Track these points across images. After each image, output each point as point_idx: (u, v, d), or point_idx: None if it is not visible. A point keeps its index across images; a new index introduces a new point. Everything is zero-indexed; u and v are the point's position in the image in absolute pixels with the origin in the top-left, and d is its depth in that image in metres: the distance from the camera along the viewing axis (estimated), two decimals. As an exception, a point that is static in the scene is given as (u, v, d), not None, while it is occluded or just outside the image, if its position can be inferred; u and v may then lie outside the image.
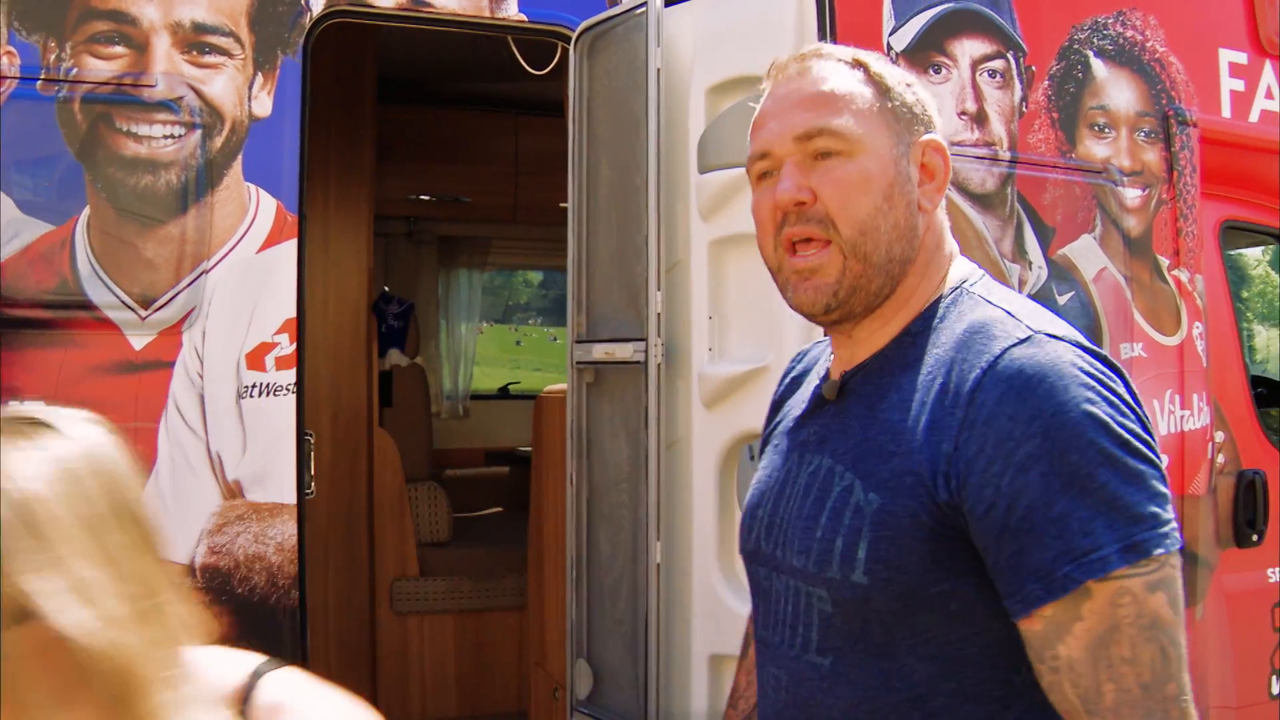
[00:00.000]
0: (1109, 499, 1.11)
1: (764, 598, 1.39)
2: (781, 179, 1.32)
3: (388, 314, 5.99)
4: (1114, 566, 1.09)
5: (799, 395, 1.50)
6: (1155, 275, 3.88)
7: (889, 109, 1.34)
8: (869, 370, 1.34)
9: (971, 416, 1.17)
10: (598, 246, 3.11)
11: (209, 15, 2.88)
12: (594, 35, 3.09)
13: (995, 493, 1.14)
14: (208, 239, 2.87)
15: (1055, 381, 1.15)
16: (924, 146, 1.36)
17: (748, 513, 1.45)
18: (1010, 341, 1.20)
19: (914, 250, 1.33)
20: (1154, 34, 3.93)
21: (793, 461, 1.40)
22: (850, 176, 1.30)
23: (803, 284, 1.32)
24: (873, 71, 1.36)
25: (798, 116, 1.33)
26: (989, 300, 1.30)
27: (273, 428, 2.92)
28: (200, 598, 2.95)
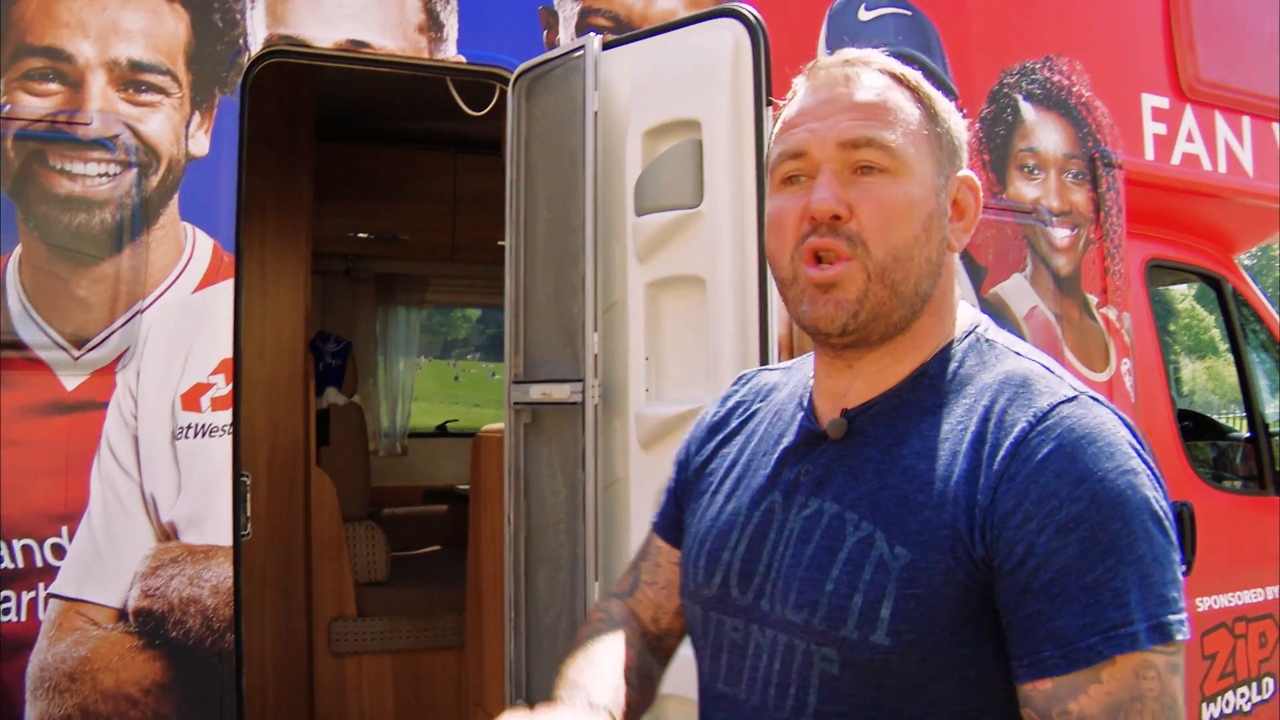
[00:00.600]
0: (1143, 575, 1.05)
1: (731, 650, 1.27)
2: (818, 187, 1.20)
3: (325, 352, 5.95)
4: (1142, 645, 1.03)
5: (758, 426, 1.39)
6: (1084, 313, 3.97)
7: (935, 135, 1.24)
8: (880, 410, 1.24)
9: (1014, 469, 1.10)
10: (535, 287, 3.12)
11: (146, 53, 2.87)
12: (532, 77, 3.11)
13: (1028, 549, 1.07)
14: (143, 278, 2.84)
15: (1104, 447, 1.09)
16: (960, 183, 1.26)
17: (703, 552, 1.32)
18: (1058, 399, 1.13)
19: (934, 287, 1.24)
20: (1080, 79, 4.04)
21: (773, 501, 1.27)
22: (894, 198, 1.19)
23: (821, 297, 1.20)
24: (923, 92, 1.25)
25: (845, 121, 1.20)
26: (1017, 352, 1.24)
27: (208, 469, 2.88)
28: (133, 642, 2.91)
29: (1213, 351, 31.03)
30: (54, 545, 2.73)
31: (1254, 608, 4.48)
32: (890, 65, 1.26)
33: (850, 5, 3.57)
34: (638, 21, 3.31)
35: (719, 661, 1.28)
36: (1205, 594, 4.29)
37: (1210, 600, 4.32)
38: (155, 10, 2.89)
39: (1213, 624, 4.32)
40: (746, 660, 1.24)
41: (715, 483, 1.38)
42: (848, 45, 3.48)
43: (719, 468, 1.39)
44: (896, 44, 3.62)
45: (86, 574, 2.75)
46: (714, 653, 1.29)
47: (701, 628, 1.32)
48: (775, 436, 1.34)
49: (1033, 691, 1.06)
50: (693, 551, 1.34)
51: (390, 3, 3.12)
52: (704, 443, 1.45)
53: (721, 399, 1.49)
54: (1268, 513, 4.70)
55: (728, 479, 1.36)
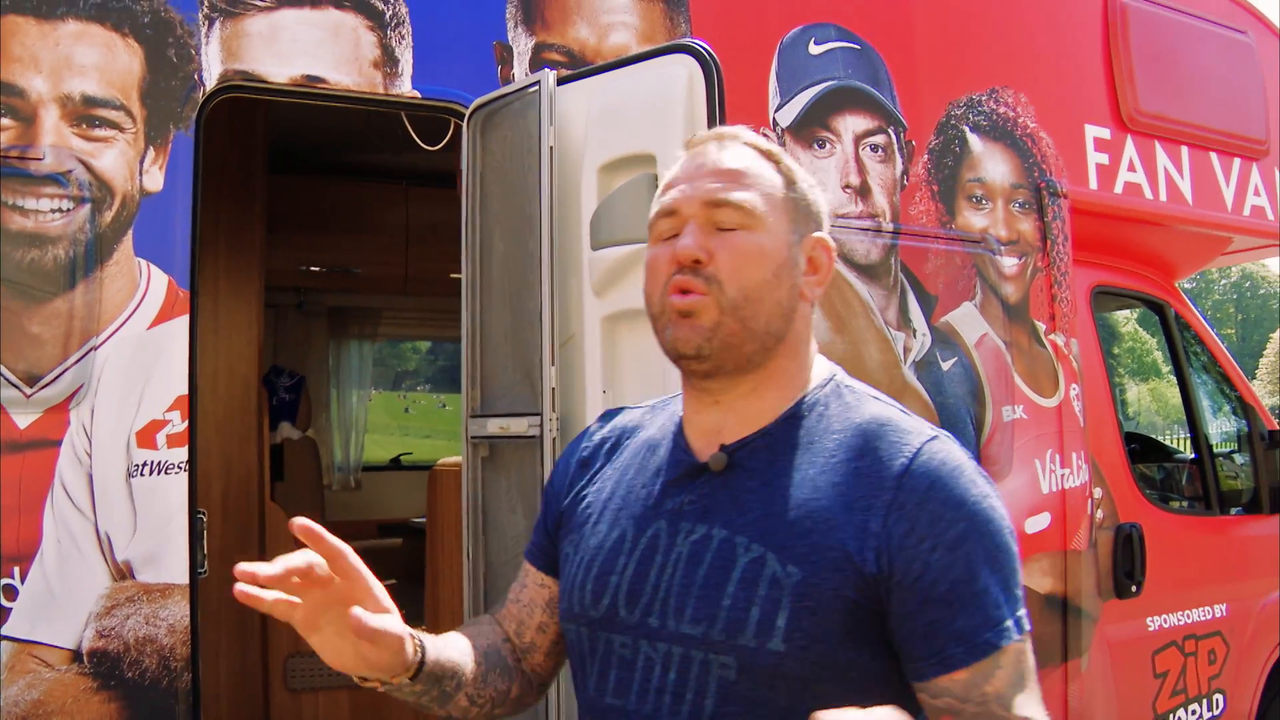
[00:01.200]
0: (1006, 579, 1.29)
1: (620, 667, 1.40)
2: (683, 236, 1.39)
3: (279, 387, 5.92)
4: (1015, 636, 1.27)
5: (632, 459, 1.52)
6: (1033, 340, 4.04)
7: (791, 199, 1.45)
8: (756, 447, 1.40)
9: (901, 499, 1.29)
10: (491, 321, 3.13)
11: (99, 88, 2.85)
12: (487, 112, 3.13)
13: (924, 566, 1.27)
14: (97, 314, 2.82)
15: (969, 475, 1.32)
16: (815, 242, 1.46)
17: (590, 576, 1.45)
18: (924, 438, 1.34)
19: (787, 330, 1.42)
20: (1025, 110, 4.12)
21: (658, 528, 1.41)
22: (747, 248, 1.39)
23: (682, 322, 1.38)
24: (783, 165, 1.47)
25: (709, 184, 1.41)
26: (874, 396, 1.44)
27: (164, 506, 2.85)
28: (88, 684, 2.86)
29: (1156, 374, 31.56)
30: (5, 586, 2.69)
31: (1203, 625, 4.55)
32: (756, 140, 1.48)
33: (800, 40, 3.62)
34: (591, 57, 3.34)
35: (607, 677, 1.41)
36: (1155, 613, 4.36)
37: (1160, 619, 4.39)
38: (109, 45, 2.88)
39: (1163, 643, 4.40)
40: (636, 673, 1.38)
41: (595, 514, 1.51)
42: (799, 79, 3.55)
43: (595, 500, 1.52)
44: (845, 77, 3.68)
45: (40, 615, 2.71)
46: (602, 669, 1.42)
47: (589, 647, 1.44)
48: (652, 469, 1.49)
49: (949, 683, 1.26)
50: (578, 577, 1.47)
51: (345, 38, 3.13)
52: (576, 477, 1.58)
53: (588, 434, 1.64)
54: (1214, 532, 4.79)
55: (607, 509, 1.49)
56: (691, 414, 1.47)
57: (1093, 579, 4.08)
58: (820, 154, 3.60)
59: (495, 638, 1.61)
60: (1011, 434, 3.91)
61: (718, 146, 1.46)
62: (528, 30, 3.33)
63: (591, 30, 3.38)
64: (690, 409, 1.48)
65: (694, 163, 1.45)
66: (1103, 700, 4.15)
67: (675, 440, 1.48)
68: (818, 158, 3.59)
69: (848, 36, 3.72)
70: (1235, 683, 4.69)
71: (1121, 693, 4.24)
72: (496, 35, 3.30)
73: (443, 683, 1.47)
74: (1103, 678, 4.15)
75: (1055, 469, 4.03)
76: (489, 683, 1.54)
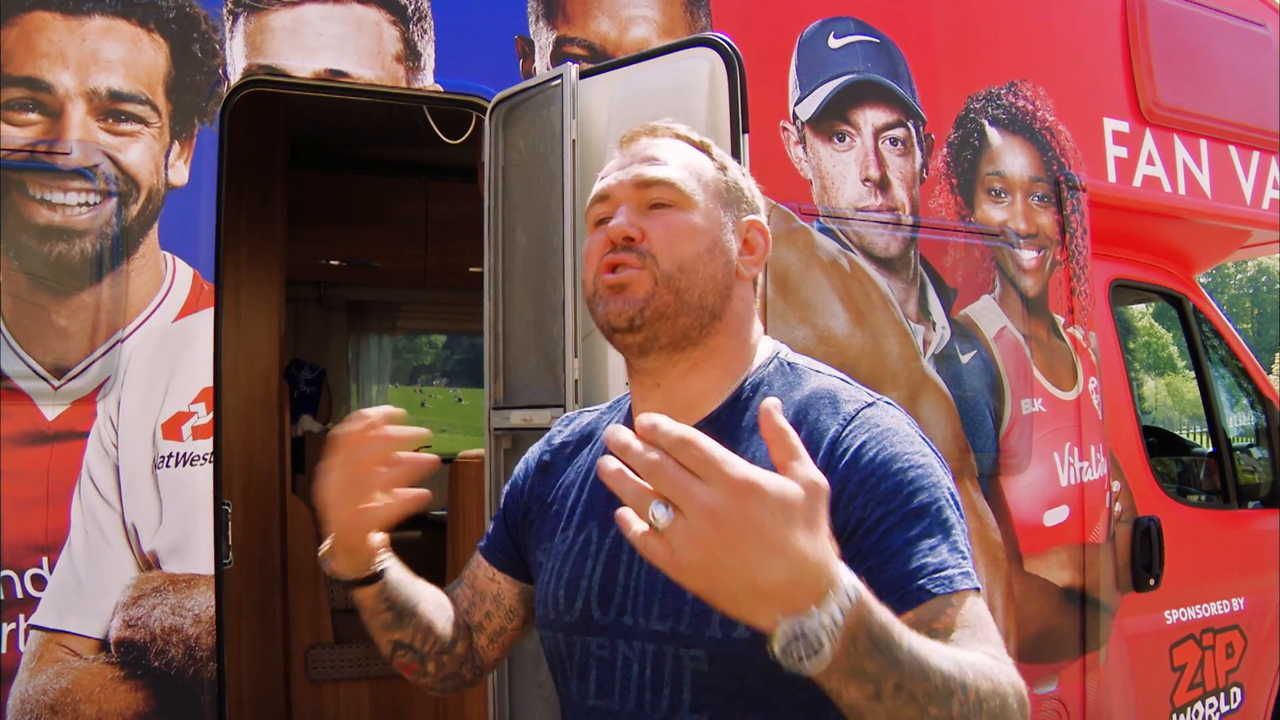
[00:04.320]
0: (947, 532, 1.25)
1: (599, 668, 1.40)
2: (616, 216, 1.42)
3: (300, 380, 5.94)
4: (959, 586, 1.22)
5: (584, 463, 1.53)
6: (1052, 333, 4.04)
7: (722, 183, 1.47)
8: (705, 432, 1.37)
9: (833, 463, 1.29)
10: (514, 313, 3.14)
11: (125, 83, 2.88)
12: (509, 105, 3.14)
13: (857, 522, 1.25)
14: (123, 307, 2.84)
15: (904, 437, 1.32)
16: (750, 224, 1.48)
17: (561, 583, 1.45)
18: (860, 405, 1.35)
19: (724, 307, 1.43)
20: (1044, 103, 4.12)
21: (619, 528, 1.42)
22: (679, 224, 1.41)
23: (614, 297, 1.39)
24: (714, 153, 1.50)
25: (639, 168, 1.44)
26: (817, 370, 1.44)
27: (189, 498, 2.88)
28: (115, 673, 2.89)
29: (1171, 369, 31.41)
30: (34, 576, 2.72)
31: (1221, 619, 4.55)
32: (686, 132, 1.51)
33: (820, 34, 3.63)
34: (612, 50, 3.36)
35: (587, 680, 1.41)
36: (1173, 607, 4.36)
37: (1178, 613, 4.38)
38: (135, 40, 2.90)
39: (1181, 636, 4.39)
40: (616, 673, 1.38)
41: (562, 520, 1.51)
42: (819, 72, 3.56)
43: (560, 505, 1.53)
44: (865, 70, 3.69)
45: (67, 605, 2.74)
46: (581, 672, 1.42)
47: (566, 651, 1.45)
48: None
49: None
50: (550, 585, 1.47)
51: (368, 32, 3.15)
52: (536, 481, 1.60)
53: (548, 439, 1.64)
54: (1232, 526, 4.79)
55: (573, 514, 1.50)
56: (638, 402, 1.48)
57: (1111, 572, 4.09)
58: (840, 147, 3.61)
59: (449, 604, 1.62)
60: (1030, 427, 3.92)
61: (649, 138, 1.49)
62: (549, 24, 3.34)
63: (612, 24, 3.39)
64: (636, 398, 1.49)
65: (626, 151, 1.49)
66: (1120, 693, 4.15)
67: None
68: (838, 151, 3.60)
69: (867, 30, 3.73)
70: (1253, 676, 4.68)
71: (1139, 686, 4.24)
72: (518, 29, 3.32)
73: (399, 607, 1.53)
74: (1120, 671, 4.15)
75: (1074, 462, 4.03)
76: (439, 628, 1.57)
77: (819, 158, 3.57)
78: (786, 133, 3.53)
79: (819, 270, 3.48)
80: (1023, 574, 3.88)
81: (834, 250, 3.52)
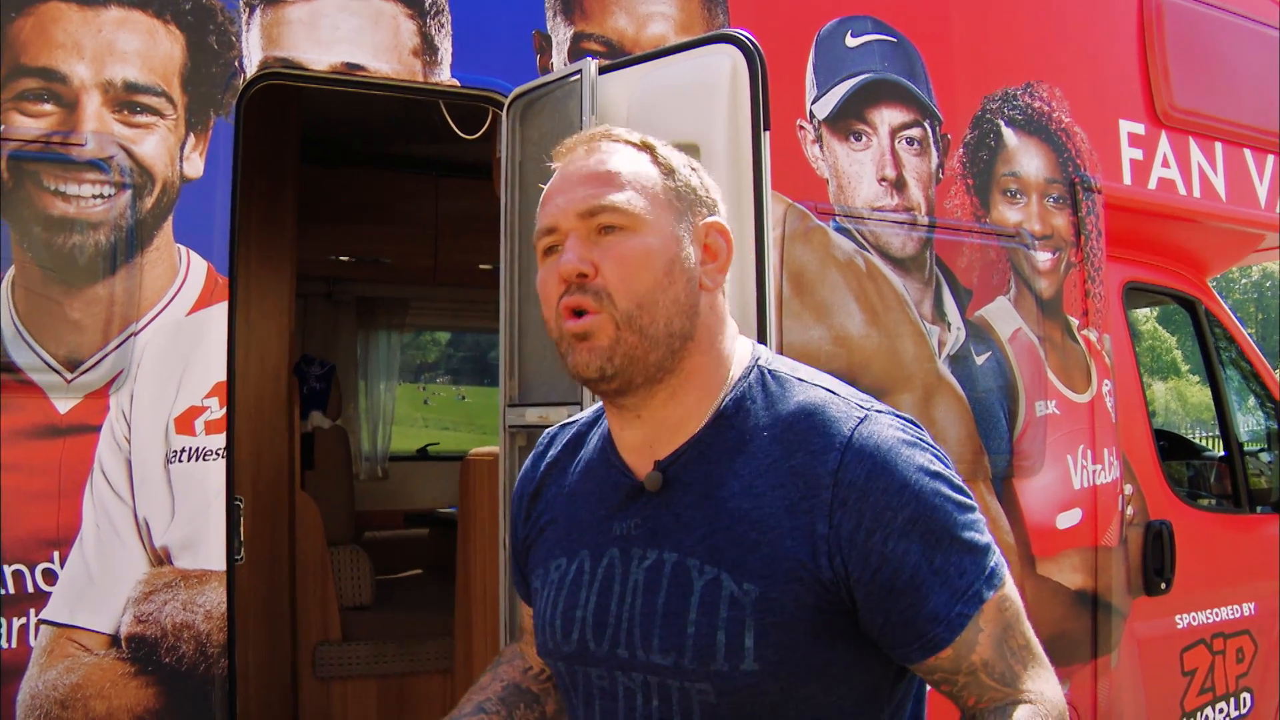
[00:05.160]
0: (966, 542, 1.26)
1: (603, 697, 1.37)
2: (565, 251, 1.33)
3: (310, 376, 5.92)
4: (988, 595, 1.26)
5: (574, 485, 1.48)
6: (1066, 335, 4.02)
7: (672, 189, 1.38)
8: (689, 459, 1.35)
9: (842, 495, 1.25)
10: (529, 311, 3.12)
11: (141, 74, 2.86)
12: (527, 100, 3.12)
13: (880, 559, 1.23)
14: (137, 300, 2.82)
15: (903, 452, 1.27)
16: (707, 228, 1.40)
17: (556, 613, 1.41)
18: (853, 423, 1.29)
19: (694, 327, 1.36)
20: (1060, 105, 4.10)
21: (611, 556, 1.37)
22: (631, 252, 1.32)
23: (579, 345, 1.32)
24: (659, 154, 1.40)
25: (581, 192, 1.35)
26: (800, 379, 1.37)
27: (202, 493, 2.86)
28: (126, 668, 2.88)
29: (1175, 373, 31.38)
30: (45, 570, 2.70)
31: (1231, 624, 4.53)
32: (626, 135, 1.42)
33: (837, 32, 3.61)
34: (630, 47, 3.34)
35: (592, 708, 1.39)
36: (1184, 611, 4.34)
37: (1189, 617, 4.37)
38: (151, 32, 2.88)
39: (1192, 640, 4.37)
40: (619, 703, 1.35)
41: (554, 546, 1.47)
42: (836, 71, 3.55)
43: (551, 531, 1.49)
44: (881, 70, 3.67)
45: (79, 600, 2.72)
46: (585, 700, 1.40)
47: (569, 681, 1.42)
48: (595, 495, 1.43)
49: (936, 662, 1.26)
50: (546, 614, 1.44)
51: (385, 26, 3.13)
52: (530, 507, 1.55)
53: (534, 460, 1.59)
54: (1243, 530, 4.77)
55: (566, 540, 1.45)
56: (618, 431, 1.42)
57: (1123, 576, 4.07)
58: (856, 146, 3.59)
59: (515, 673, 1.64)
60: (1044, 429, 3.90)
61: (586, 150, 1.41)
62: (567, 20, 3.33)
63: (630, 20, 3.38)
64: (615, 427, 1.42)
65: (566, 170, 1.40)
66: (1131, 697, 4.13)
67: (609, 461, 1.43)
68: (854, 150, 3.58)
69: (884, 29, 3.71)
70: (1263, 681, 4.66)
71: (1150, 690, 4.23)
72: (536, 24, 3.30)
73: None
74: (1131, 675, 4.13)
75: (1087, 465, 4.01)
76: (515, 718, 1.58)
77: (835, 157, 3.55)
78: (803, 131, 3.51)
79: (835, 269, 3.46)
80: (1035, 577, 3.86)
81: (850, 250, 3.51)
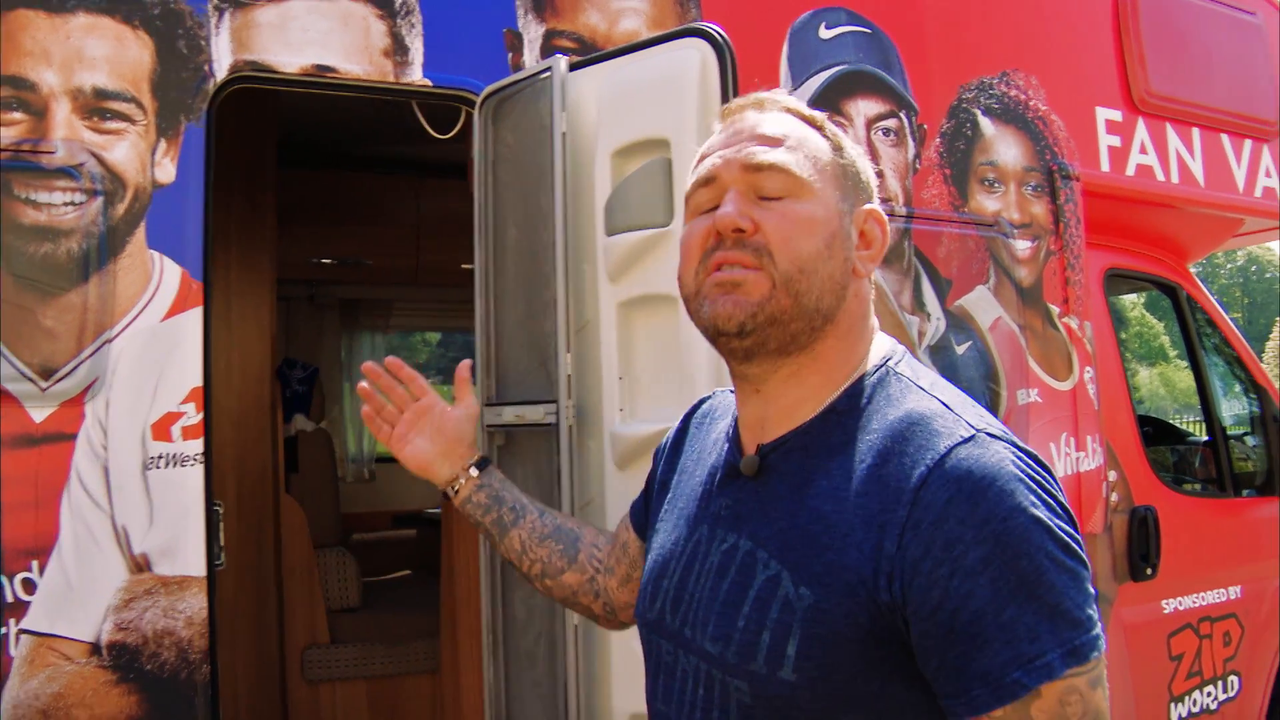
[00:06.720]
0: (1053, 605, 1.09)
1: (665, 673, 1.34)
2: (723, 204, 1.26)
3: (292, 379, 5.92)
4: (1058, 673, 1.08)
5: (702, 449, 1.45)
6: (1047, 323, 4.03)
7: (840, 166, 1.32)
8: (792, 448, 1.28)
9: (917, 517, 1.12)
10: (505, 309, 3.12)
11: (110, 81, 2.84)
12: (499, 99, 3.11)
13: (943, 595, 1.10)
14: (110, 307, 2.81)
15: (1004, 486, 1.12)
16: (867, 214, 1.33)
17: (650, 579, 1.39)
18: (954, 440, 1.16)
19: (838, 309, 1.28)
20: (1036, 93, 4.10)
21: (701, 533, 1.34)
22: (798, 215, 1.26)
23: (723, 297, 1.25)
24: (828, 130, 1.34)
25: (751, 148, 1.28)
26: (920, 386, 1.26)
27: (180, 499, 2.85)
28: (108, 676, 2.87)
29: (1163, 358, 31.48)
30: (24, 580, 2.69)
31: (1218, 607, 4.55)
32: (797, 105, 1.35)
33: (811, 24, 3.61)
34: (601, 43, 3.33)
35: (657, 681, 1.36)
36: (1170, 596, 4.35)
37: (1175, 602, 4.38)
38: (119, 37, 2.87)
39: (1178, 625, 4.39)
40: (676, 683, 1.31)
41: (670, 508, 1.46)
42: (810, 63, 3.54)
43: (672, 493, 1.48)
44: (856, 61, 3.67)
45: (58, 608, 2.71)
46: (654, 671, 1.37)
47: (647, 647, 1.40)
48: (709, 467, 1.40)
49: None
50: (645, 578, 1.43)
51: (356, 27, 3.12)
52: (669, 461, 1.55)
53: (694, 408, 1.58)
54: (1228, 514, 4.78)
55: (674, 506, 1.45)
56: (740, 405, 1.36)
57: (1108, 562, 4.08)
58: (832, 138, 3.58)
59: (574, 527, 1.75)
60: (1026, 417, 3.90)
61: (757, 111, 1.33)
62: (538, 17, 3.32)
63: (602, 17, 3.37)
64: (739, 400, 1.36)
65: (732, 129, 1.32)
66: (1119, 682, 4.14)
67: (730, 436, 1.38)
68: (830, 142, 3.58)
69: (858, 20, 3.71)
70: (1250, 664, 4.68)
71: (1137, 675, 4.23)
72: (507, 22, 3.29)
73: (502, 506, 1.73)
74: (1118, 660, 4.14)
75: (1070, 452, 4.02)
76: (545, 544, 1.68)
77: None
78: (778, 124, 3.50)
79: (812, 262, 3.45)
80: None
81: (827, 242, 3.50)
